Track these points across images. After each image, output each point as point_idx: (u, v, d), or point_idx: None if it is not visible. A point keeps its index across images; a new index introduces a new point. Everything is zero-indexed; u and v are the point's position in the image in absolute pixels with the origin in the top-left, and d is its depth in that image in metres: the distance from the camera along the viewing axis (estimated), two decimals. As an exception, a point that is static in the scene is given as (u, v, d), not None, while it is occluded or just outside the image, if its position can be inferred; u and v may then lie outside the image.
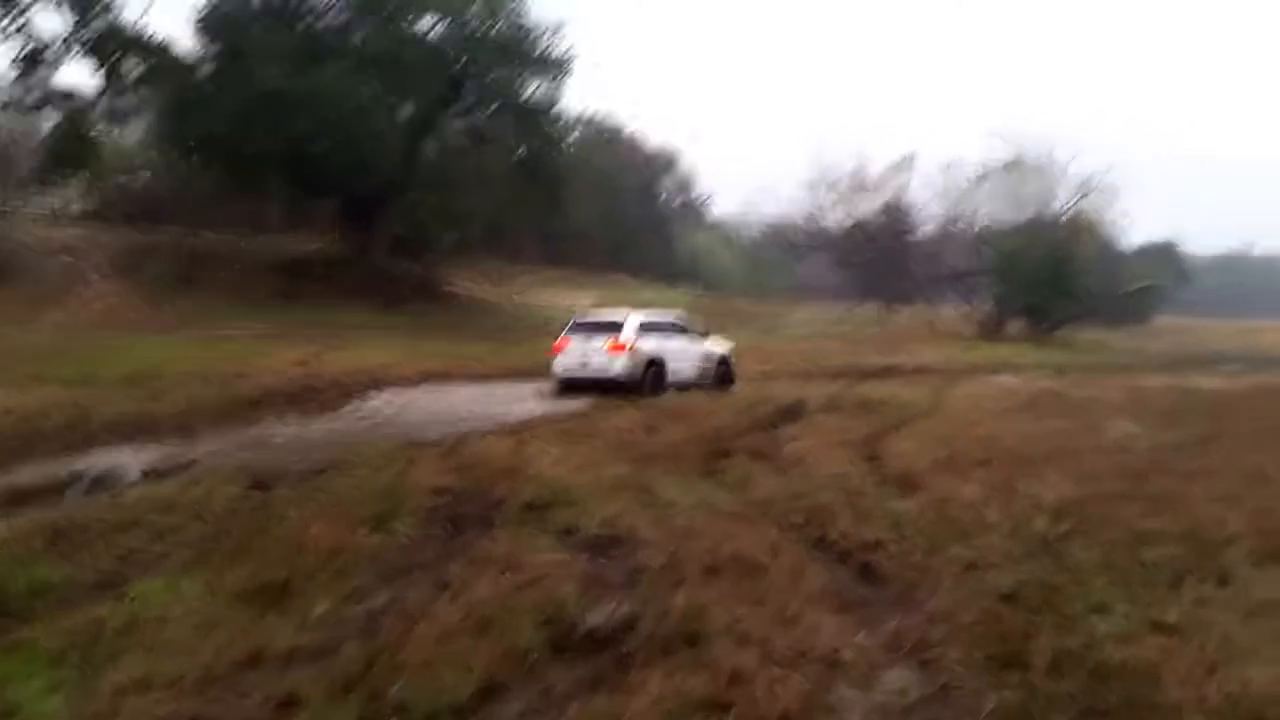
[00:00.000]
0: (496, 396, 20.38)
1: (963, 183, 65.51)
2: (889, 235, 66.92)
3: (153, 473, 11.17)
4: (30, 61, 34.97)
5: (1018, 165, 63.63)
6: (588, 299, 58.50)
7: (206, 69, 39.70)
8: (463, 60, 43.61)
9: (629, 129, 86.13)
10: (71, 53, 35.37)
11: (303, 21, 41.95)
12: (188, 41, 40.93)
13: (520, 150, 46.08)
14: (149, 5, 37.66)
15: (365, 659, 5.57)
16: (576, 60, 44.37)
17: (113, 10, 35.35)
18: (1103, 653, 5.70)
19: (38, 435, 13.27)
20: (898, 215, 67.56)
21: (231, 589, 6.73)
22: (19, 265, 34.51)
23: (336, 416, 16.91)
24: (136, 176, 49.25)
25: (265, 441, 13.89)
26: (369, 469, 11.02)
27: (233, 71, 37.50)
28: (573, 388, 21.78)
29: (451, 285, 49.91)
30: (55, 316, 30.01)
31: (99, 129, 38.03)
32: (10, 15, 33.73)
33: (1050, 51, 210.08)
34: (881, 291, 70.24)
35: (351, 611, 6.42)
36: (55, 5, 34.28)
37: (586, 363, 21.98)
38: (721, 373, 24.36)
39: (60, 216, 44.80)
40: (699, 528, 8.59)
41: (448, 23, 43.59)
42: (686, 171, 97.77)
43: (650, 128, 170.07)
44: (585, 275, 66.63)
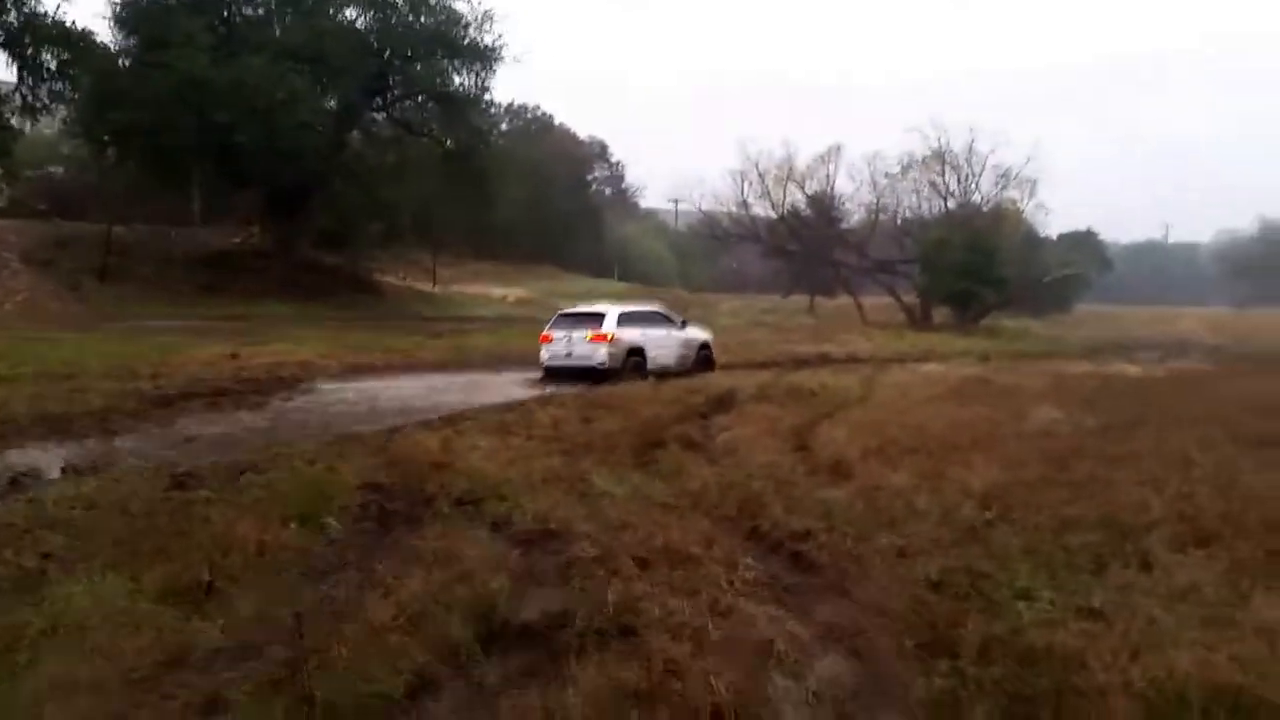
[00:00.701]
0: (427, 388, 20.18)
1: (886, 174, 66.32)
2: (816, 225, 67.30)
3: (73, 471, 10.91)
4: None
5: (939, 157, 64.56)
6: (518, 290, 58.31)
7: (125, 60, 38.95)
8: (388, 51, 43.23)
9: (559, 120, 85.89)
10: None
11: (224, 13, 41.32)
12: (106, 33, 40.08)
13: (447, 141, 45.82)
14: (66, -6, 36.40)
15: (292, 658, 5.46)
16: (505, 51, 44.10)
17: (28, 1, 34.49)
18: (1029, 638, 5.74)
19: (-50, 435, 12.92)
20: (825, 206, 67.94)
21: (155, 589, 6.57)
22: (-70, 259, 33.57)
23: (262, 412, 16.63)
24: (54, 169, 48.23)
25: (189, 438, 13.62)
26: (296, 465, 10.86)
27: (152, 63, 36.80)
28: (559, 375, 22.82)
29: (379, 277, 49.49)
30: (-32, 312, 29.25)
31: (15, 120, 37.17)
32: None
33: (971, 44, 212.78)
34: (810, 282, 70.88)
35: (278, 611, 6.29)
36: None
37: (571, 352, 23.37)
38: (703, 358, 25.96)
39: (-26, 209, 43.72)
40: (632, 519, 8.55)
41: (372, 14, 43.19)
42: (617, 162, 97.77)
43: (580, 118, 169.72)
44: (515, 267, 66.43)
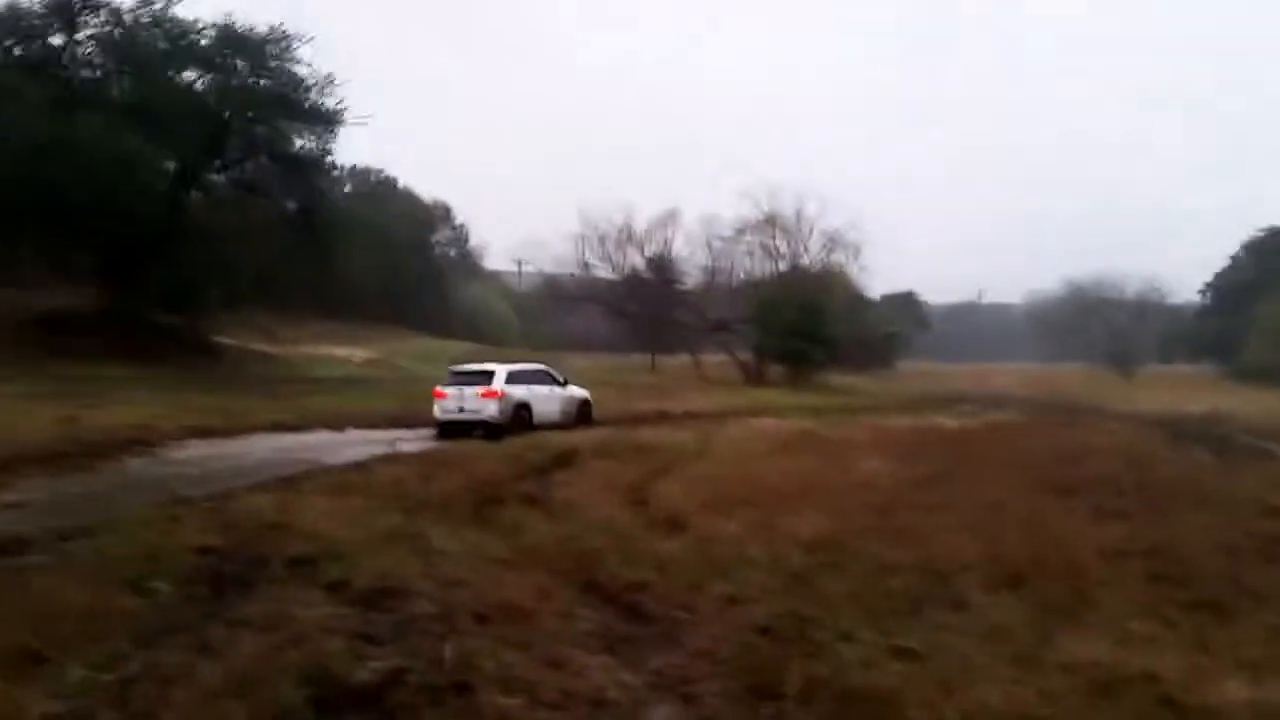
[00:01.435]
0: (266, 450, 19.62)
1: (721, 238, 67.94)
2: (656, 287, 68.34)
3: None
4: None
5: (770, 221, 66.36)
6: (364, 351, 57.42)
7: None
8: (227, 112, 42.40)
9: (402, 182, 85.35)
10: None
11: (59, 72, 40.01)
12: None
13: (289, 203, 45.05)
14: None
15: (120, 727, 5.25)
16: (347, 114, 43.63)
17: None
18: (850, 679, 5.90)
19: None
20: (663, 268, 69.14)
21: (-22, 658, 6.24)
22: None
23: (97, 476, 15.95)
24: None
25: (19, 504, 12.98)
26: (129, 529, 10.43)
27: (-18, 121, 35.35)
28: (452, 430, 23.97)
29: (221, 339, 48.13)
30: None
31: None
32: None
33: (799, 110, 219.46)
34: (652, 340, 71.57)
35: (106, 678, 6.03)
36: None
37: (464, 407, 24.72)
38: (583, 413, 27.81)
39: None
40: (470, 576, 8.49)
41: (211, 75, 42.34)
42: (460, 224, 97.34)
43: (424, 181, 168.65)
44: (361, 327, 65.40)
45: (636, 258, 68.41)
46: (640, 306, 68.62)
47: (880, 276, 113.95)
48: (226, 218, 44.46)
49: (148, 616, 7.42)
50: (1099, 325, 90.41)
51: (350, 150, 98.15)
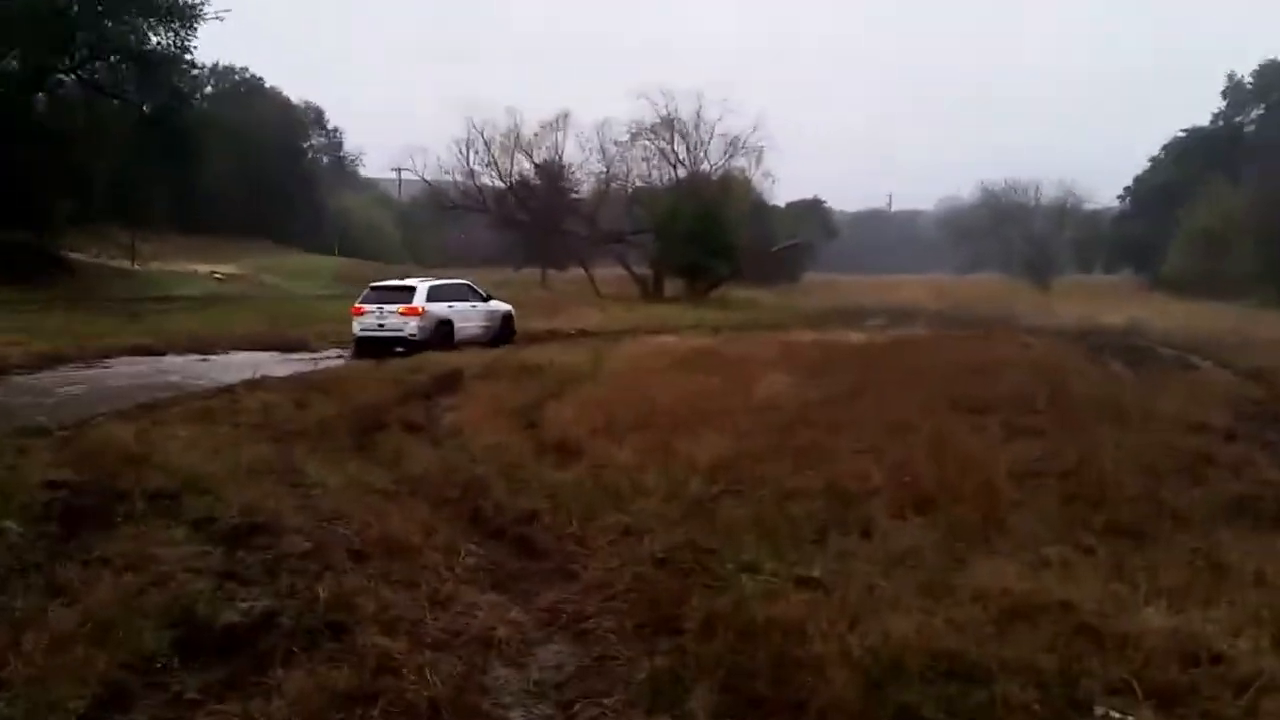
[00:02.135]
0: (124, 376, 19.05)
1: (616, 142, 66.54)
2: (546, 195, 67.06)
3: None
4: None
5: (668, 125, 65.60)
6: (228, 267, 56.04)
7: None
8: (75, 7, 40.63)
9: (270, 82, 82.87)
10: None
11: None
12: None
13: (144, 105, 43.48)
14: None
15: (-38, 678, 5.06)
16: (206, 7, 42.07)
17: None
18: (751, 611, 5.91)
19: None
20: (554, 175, 67.72)
21: None
22: None
23: (-68, 407, 15.32)
24: None
25: None
26: (-32, 465, 10.04)
27: None
28: (370, 348, 24.09)
29: (71, 255, 46.58)
30: None
31: None
32: None
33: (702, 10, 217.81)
34: (542, 254, 70.82)
35: (-52, 625, 5.81)
36: None
37: (383, 324, 25.19)
38: (506, 329, 28.82)
39: None
40: (347, 509, 8.37)
41: (56, -32, 40.44)
42: (334, 129, 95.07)
43: (294, 82, 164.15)
44: (226, 242, 63.76)
45: (525, 164, 67.05)
46: (529, 217, 67.05)
47: (786, 184, 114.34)
48: (75, 121, 42.74)
49: (-6, 557, 7.17)
50: (1014, 232, 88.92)
51: (211, 48, 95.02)
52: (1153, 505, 8.92)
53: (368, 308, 25.63)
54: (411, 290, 26.08)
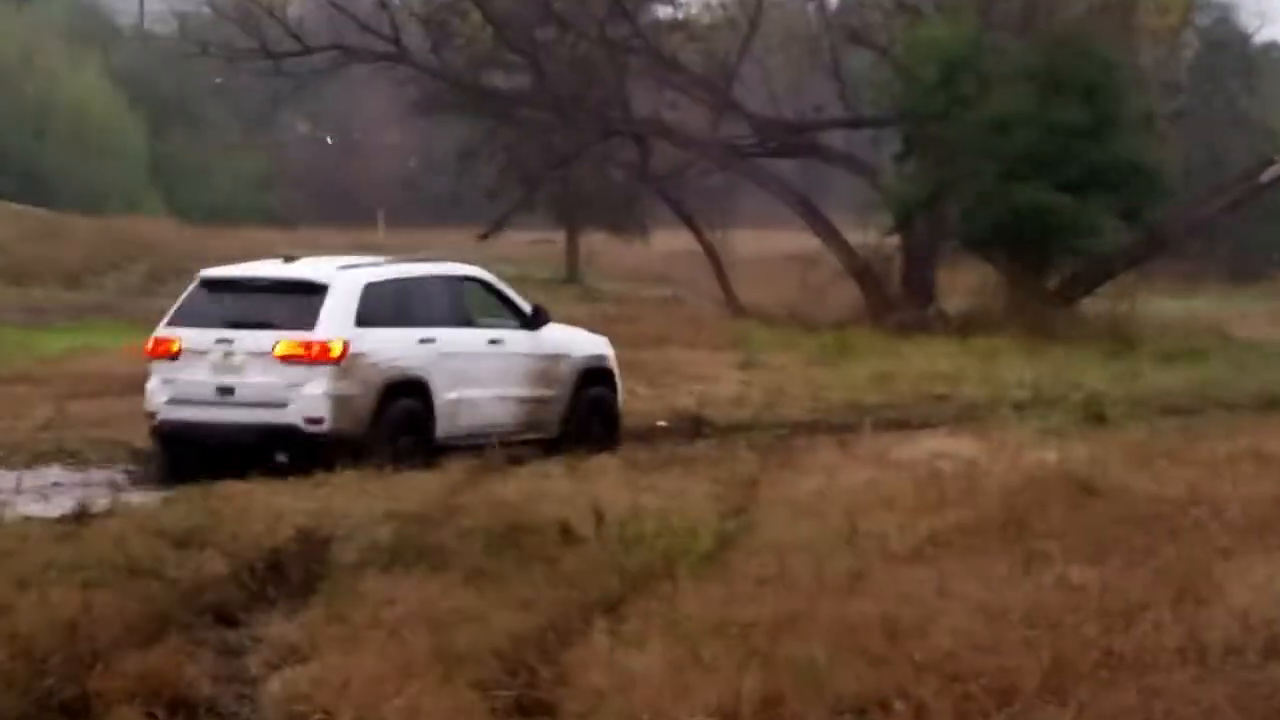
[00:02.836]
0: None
1: None
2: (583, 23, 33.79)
3: None
4: None
5: None
6: None
7: None
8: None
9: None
10: None
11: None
12: None
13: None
14: None
15: None
16: None
17: None
18: None
19: None
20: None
21: None
22: None
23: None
24: None
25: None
26: None
27: None
28: (199, 453, 13.16)
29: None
30: None
31: None
32: None
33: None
34: (567, 195, 40.39)
35: None
36: None
37: (231, 387, 13.35)
38: (593, 404, 15.25)
39: None
40: None
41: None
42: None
43: None
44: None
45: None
46: (541, 81, 34.64)
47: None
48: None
49: None
50: None
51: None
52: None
53: (194, 339, 13.60)
54: (315, 291, 13.66)
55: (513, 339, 14.72)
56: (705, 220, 35.27)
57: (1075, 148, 28.44)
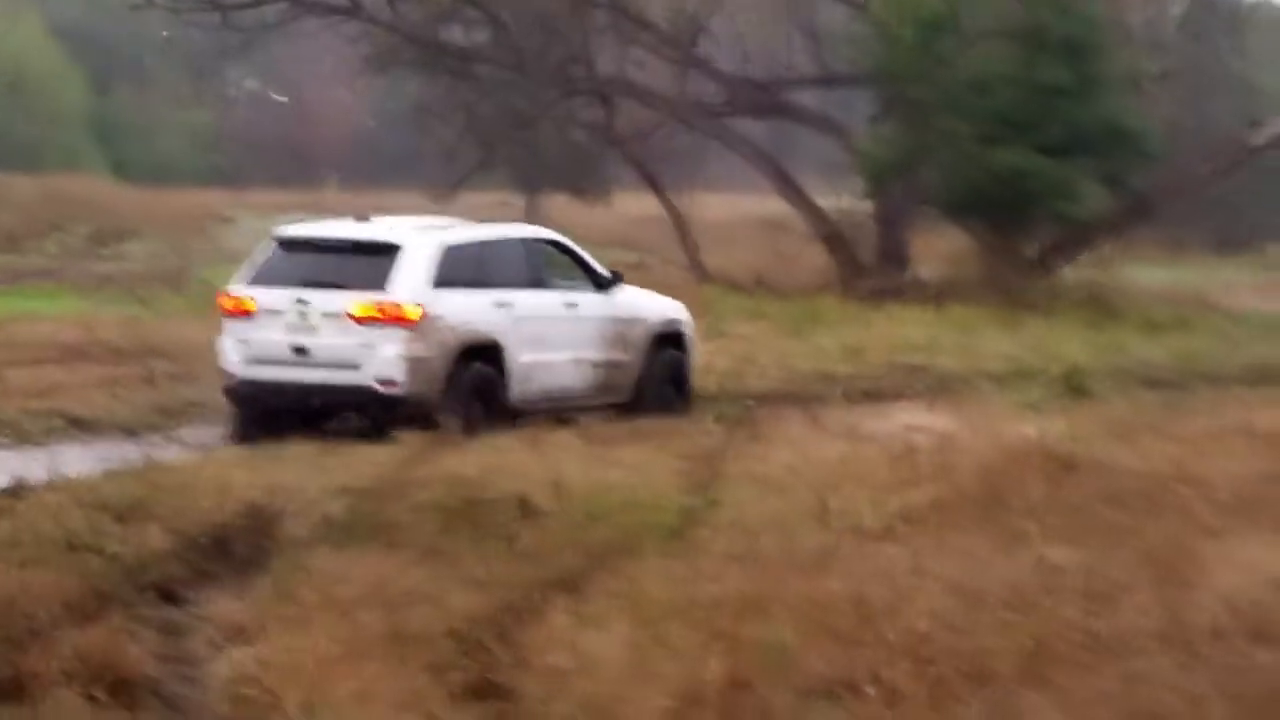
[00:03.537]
0: None
1: None
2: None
3: None
4: None
5: None
6: None
7: None
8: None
9: None
10: None
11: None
12: None
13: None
14: None
15: None
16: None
17: None
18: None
19: None
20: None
21: None
22: None
23: None
24: None
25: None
26: None
27: None
28: (276, 413, 13.69)
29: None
30: None
31: None
32: None
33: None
34: (528, 155, 42.02)
35: None
36: None
37: (305, 347, 13.77)
38: (667, 367, 15.75)
39: None
40: None
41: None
42: None
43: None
44: None
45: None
46: (499, 36, 34.88)
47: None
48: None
49: None
50: None
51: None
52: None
53: (268, 299, 13.99)
54: (392, 253, 14.00)
55: (588, 302, 15.19)
56: (671, 183, 34.93)
57: (1057, 109, 28.30)
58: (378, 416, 13.36)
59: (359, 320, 13.48)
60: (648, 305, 16.12)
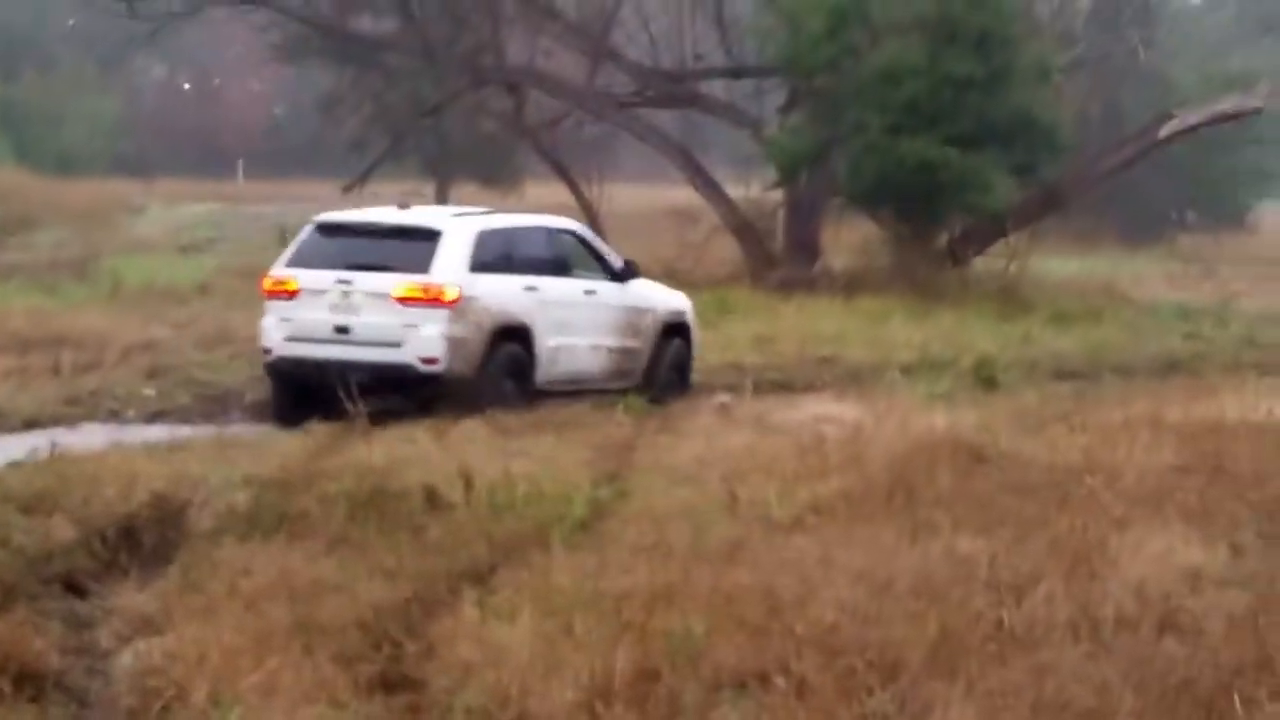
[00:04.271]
0: None
1: None
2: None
3: None
4: None
5: None
6: None
7: None
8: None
9: None
10: None
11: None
12: None
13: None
14: None
15: None
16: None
17: None
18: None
19: None
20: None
21: None
22: None
23: None
24: None
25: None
26: None
27: None
28: (314, 391, 14.12)
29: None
30: None
31: None
32: None
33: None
34: (436, 143, 44.89)
35: None
36: None
37: (348, 326, 14.49)
38: (674, 354, 16.94)
39: None
40: None
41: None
42: None
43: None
44: None
45: None
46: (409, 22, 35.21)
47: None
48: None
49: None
50: None
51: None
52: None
53: (312, 281, 14.54)
54: (432, 237, 14.75)
55: (605, 291, 16.28)
56: (582, 174, 34.86)
57: (967, 100, 28.30)
58: (417, 393, 14.34)
59: (402, 301, 14.26)
60: (658, 296, 17.27)
